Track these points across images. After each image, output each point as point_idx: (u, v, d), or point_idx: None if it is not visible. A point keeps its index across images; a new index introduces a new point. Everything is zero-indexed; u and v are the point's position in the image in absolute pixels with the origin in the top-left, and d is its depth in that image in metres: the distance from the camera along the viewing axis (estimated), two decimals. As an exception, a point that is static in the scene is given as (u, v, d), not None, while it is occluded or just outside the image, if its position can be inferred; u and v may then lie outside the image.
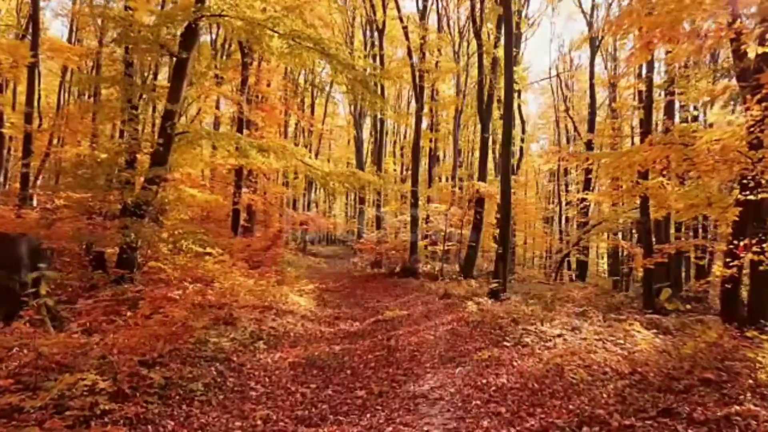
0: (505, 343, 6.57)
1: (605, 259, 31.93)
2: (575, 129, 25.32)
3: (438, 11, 22.88)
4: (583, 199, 20.15)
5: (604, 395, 4.50)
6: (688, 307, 12.58)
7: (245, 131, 16.31)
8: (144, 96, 8.60)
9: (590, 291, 12.93)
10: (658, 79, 14.20)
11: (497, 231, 19.20)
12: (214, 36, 23.18)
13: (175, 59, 8.44)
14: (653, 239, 11.55)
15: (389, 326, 9.02)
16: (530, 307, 8.46)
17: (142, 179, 8.41)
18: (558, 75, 27.32)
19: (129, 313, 5.37)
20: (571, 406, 4.24)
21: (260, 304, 8.78)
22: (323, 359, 6.50)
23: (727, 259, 5.72)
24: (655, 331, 6.68)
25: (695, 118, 14.72)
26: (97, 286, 7.05)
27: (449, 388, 5.04)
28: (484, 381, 5.11)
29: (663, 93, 13.77)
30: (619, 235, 21.19)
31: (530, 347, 6.21)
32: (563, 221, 30.94)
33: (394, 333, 8.33)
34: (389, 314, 9.94)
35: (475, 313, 9.23)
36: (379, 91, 17.49)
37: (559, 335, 6.61)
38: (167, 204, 8.35)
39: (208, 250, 9.14)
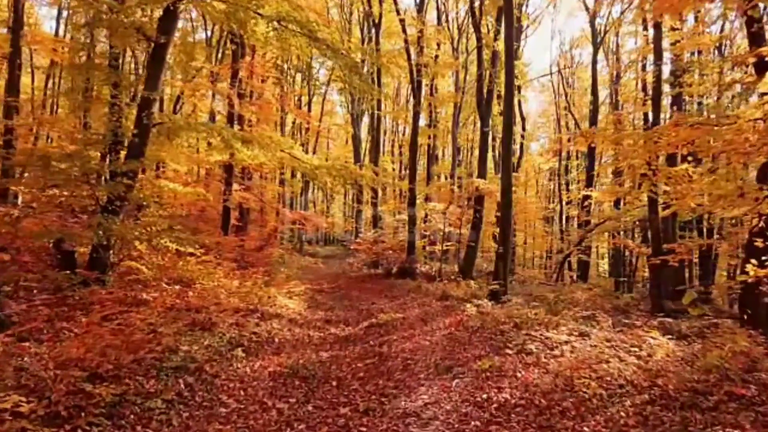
0: (508, 350, 5.99)
1: (605, 259, 31.41)
2: (577, 126, 24.76)
3: (437, 7, 22.32)
4: (586, 197, 19.60)
5: (623, 414, 3.93)
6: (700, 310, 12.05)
7: (236, 127, 15.73)
8: (123, 85, 7.98)
9: (595, 293, 12.35)
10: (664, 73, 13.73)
11: (497, 230, 18.68)
12: (209, 33, 22.70)
13: (152, 45, 7.85)
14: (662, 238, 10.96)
15: (383, 330, 8.45)
16: (533, 311, 7.88)
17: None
18: (559, 71, 26.77)
19: (84, 319, 4.79)
20: (585, 429, 3.67)
21: (244, 307, 8.20)
22: (308, 368, 5.92)
23: (753, 260, 5.14)
24: (669, 336, 6.13)
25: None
26: (62, 288, 6.46)
27: (445, 404, 4.47)
28: (485, 396, 4.53)
29: (669, 86, 13.22)
30: (621, 234, 20.62)
31: (535, 355, 5.63)
32: (564, 221, 30.33)
33: (387, 338, 7.76)
34: (383, 317, 9.37)
35: (475, 316, 8.65)
36: (375, 84, 16.97)
37: (566, 342, 6.03)
38: (143, 199, 7.76)
39: (191, 249, 8.56)
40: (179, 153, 9.71)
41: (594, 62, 22.40)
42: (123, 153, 8.30)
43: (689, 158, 7.79)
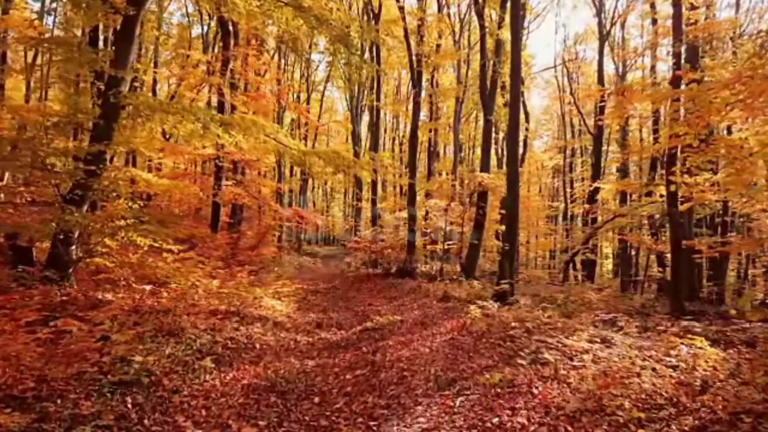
0: (520, 360, 5.16)
1: (609, 259, 30.57)
2: (583, 121, 23.93)
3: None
4: (593, 193, 18.77)
5: (672, 446, 3.11)
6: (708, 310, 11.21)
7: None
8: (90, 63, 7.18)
9: (608, 293, 11.52)
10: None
11: (500, 228, 17.90)
12: (205, 29, 21.96)
13: (122, 17, 7.06)
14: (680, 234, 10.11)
15: (378, 335, 7.64)
16: (545, 313, 7.05)
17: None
18: (564, 63, 25.90)
19: (7, 326, 3.99)
20: (630, 470, 2.85)
21: (225, 309, 7.40)
22: (289, 380, 5.12)
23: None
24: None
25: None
26: (11, 288, 5.66)
27: (446, 429, 3.65)
28: (496, 420, 3.71)
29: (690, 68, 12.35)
30: (630, 231, 19.73)
31: (552, 367, 4.81)
32: (568, 219, 29.50)
33: (382, 344, 6.95)
34: (379, 320, 8.56)
35: (479, 319, 7.83)
36: (375, 63, 16.05)
37: (587, 350, 5.21)
38: (112, 189, 6.95)
39: (168, 245, 7.76)
40: (151, 138, 8.88)
41: (600, 54, 21.53)
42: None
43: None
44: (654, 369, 4.54)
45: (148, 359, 4.52)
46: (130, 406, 3.85)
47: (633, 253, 23.10)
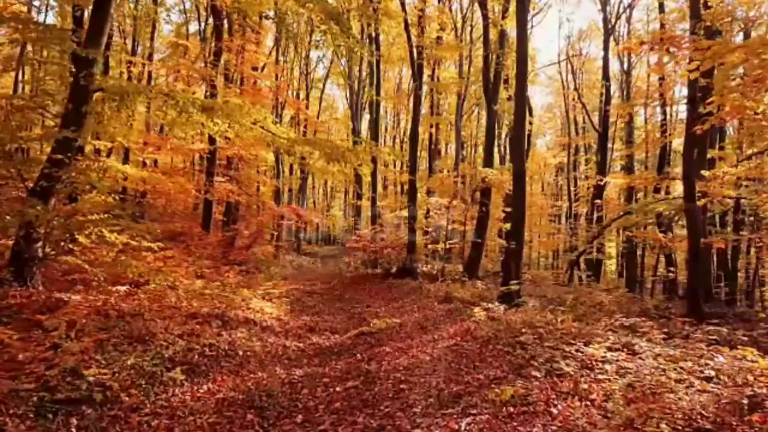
0: (533, 371, 4.54)
1: (613, 258, 29.93)
2: (587, 116, 23.28)
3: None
4: (601, 188, 18.15)
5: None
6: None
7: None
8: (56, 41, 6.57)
9: (619, 294, 10.88)
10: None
11: (504, 226, 17.23)
12: (203, 25, 21.38)
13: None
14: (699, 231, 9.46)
15: (375, 340, 7.03)
16: (558, 317, 6.41)
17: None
18: (568, 59, 25.26)
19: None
20: None
21: (207, 311, 6.80)
22: (271, 393, 4.51)
23: None
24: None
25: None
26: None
27: (452, 460, 3.04)
28: (511, 449, 3.10)
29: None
30: (637, 229, 19.08)
31: (571, 380, 4.19)
32: (572, 218, 28.86)
33: (379, 350, 6.34)
34: (377, 324, 7.94)
35: (485, 322, 7.22)
36: (374, 47, 15.35)
37: (609, 360, 4.59)
38: (82, 181, 6.34)
39: (147, 243, 7.16)
40: (135, 131, 8.28)
41: (606, 49, 20.91)
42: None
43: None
44: (690, 383, 3.92)
45: (104, 371, 3.91)
46: (74, 429, 3.24)
47: (638, 252, 22.49)
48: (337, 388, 4.72)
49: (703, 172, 9.25)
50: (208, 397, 4.30)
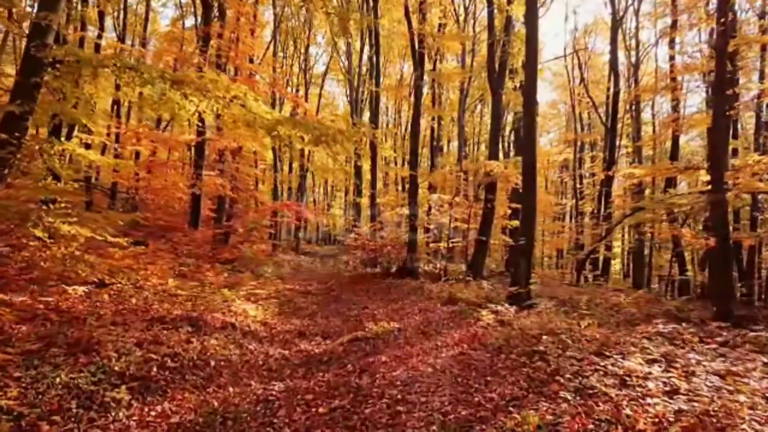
0: (559, 389, 3.71)
1: (618, 258, 29.04)
2: (595, 110, 22.41)
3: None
4: (609, 181, 17.28)
5: None
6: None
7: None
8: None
9: (640, 295, 10.02)
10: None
11: (510, 223, 16.41)
12: (199, 20, 20.60)
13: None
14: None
15: (370, 347, 6.20)
16: (582, 321, 5.56)
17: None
18: (575, 52, 24.39)
19: None
20: None
21: (179, 313, 5.98)
22: (238, 416, 3.70)
23: None
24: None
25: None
26: None
27: None
28: None
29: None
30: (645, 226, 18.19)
31: (612, 403, 3.35)
32: (578, 216, 27.97)
33: (373, 359, 5.51)
34: (374, 328, 7.13)
35: (494, 327, 6.40)
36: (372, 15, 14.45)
37: (653, 375, 3.75)
38: (23, 164, 5.54)
39: (114, 239, 6.35)
40: (89, 106, 7.48)
41: (614, 41, 20.03)
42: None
43: None
44: (759, 407, 3.09)
45: (21, 392, 3.08)
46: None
47: (646, 252, 21.66)
48: (321, 409, 3.90)
49: (732, 161, 8.41)
50: (159, 423, 3.48)
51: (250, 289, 8.16)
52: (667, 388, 3.51)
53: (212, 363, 5.03)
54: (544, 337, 5.09)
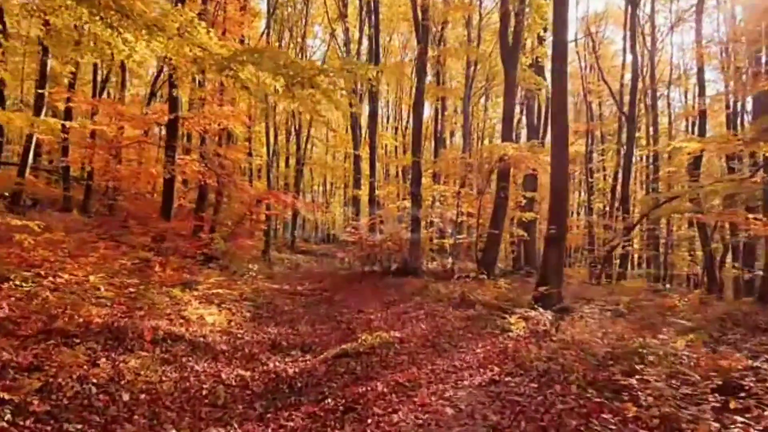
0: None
1: (637, 253, 27.37)
2: (612, 96, 20.67)
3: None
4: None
5: None
6: None
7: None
8: None
9: (695, 295, 8.31)
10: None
11: (523, 215, 14.74)
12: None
13: None
14: None
15: (361, 367, 4.54)
16: (680, 339, 3.85)
17: None
18: (591, 35, 22.69)
19: None
20: None
21: (101, 322, 4.33)
22: None
23: None
24: None
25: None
26: None
27: None
28: None
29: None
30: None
31: None
32: (589, 211, 26.29)
33: (365, 389, 3.85)
34: (368, 339, 5.45)
35: (530, 340, 4.73)
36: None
37: None
38: None
39: (22, 222, 4.70)
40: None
41: (633, 19, 18.22)
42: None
43: None
44: None
45: None
46: None
47: (661, 250, 20.04)
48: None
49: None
50: None
51: (213, 288, 6.47)
52: None
53: (124, 396, 3.37)
54: (606, 352, 3.42)
